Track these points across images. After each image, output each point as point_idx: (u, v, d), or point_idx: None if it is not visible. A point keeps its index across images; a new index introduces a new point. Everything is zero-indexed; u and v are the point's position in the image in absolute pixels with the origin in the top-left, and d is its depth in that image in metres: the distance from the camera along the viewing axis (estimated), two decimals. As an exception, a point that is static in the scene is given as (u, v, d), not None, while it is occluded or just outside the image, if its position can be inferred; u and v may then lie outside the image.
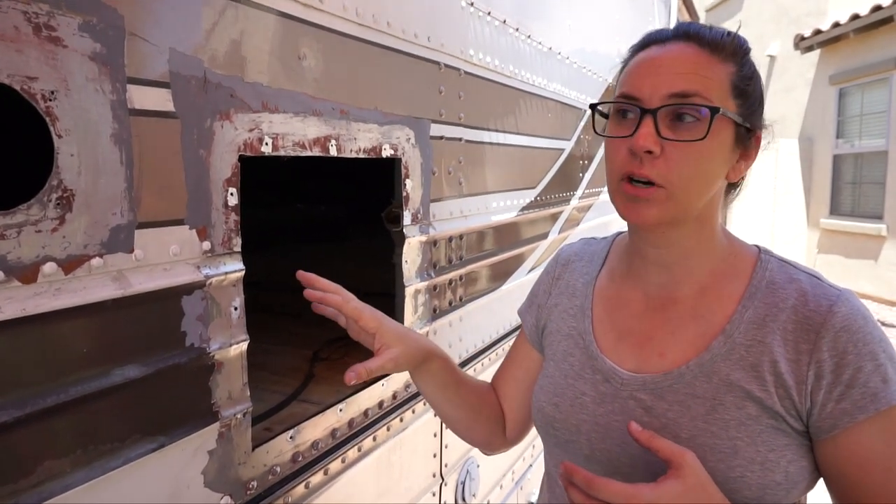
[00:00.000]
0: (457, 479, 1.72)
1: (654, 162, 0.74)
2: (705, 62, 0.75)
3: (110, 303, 0.73)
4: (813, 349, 0.72)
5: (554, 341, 0.94)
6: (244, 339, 0.93)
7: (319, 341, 1.77)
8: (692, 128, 0.73)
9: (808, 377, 0.72)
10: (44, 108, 0.65)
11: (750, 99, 0.77)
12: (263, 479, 0.99)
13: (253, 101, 0.92)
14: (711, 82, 0.74)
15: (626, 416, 0.80)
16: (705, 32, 0.77)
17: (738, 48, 0.78)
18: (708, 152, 0.74)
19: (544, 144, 2.19)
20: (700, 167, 0.75)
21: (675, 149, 0.73)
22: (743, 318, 0.77)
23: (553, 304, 0.97)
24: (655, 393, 0.79)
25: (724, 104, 0.74)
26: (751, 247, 0.85)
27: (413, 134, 1.34)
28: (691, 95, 0.73)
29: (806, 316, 0.74)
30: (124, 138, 0.74)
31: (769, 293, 0.78)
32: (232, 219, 0.90)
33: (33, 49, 0.63)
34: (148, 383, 0.78)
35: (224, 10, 0.87)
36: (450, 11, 1.48)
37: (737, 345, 0.76)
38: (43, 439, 0.67)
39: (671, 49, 0.77)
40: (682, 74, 0.75)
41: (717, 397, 0.75)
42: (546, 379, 0.93)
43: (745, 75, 0.77)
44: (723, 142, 0.76)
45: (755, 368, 0.74)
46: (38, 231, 0.65)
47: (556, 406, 0.88)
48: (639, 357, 0.83)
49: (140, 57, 0.75)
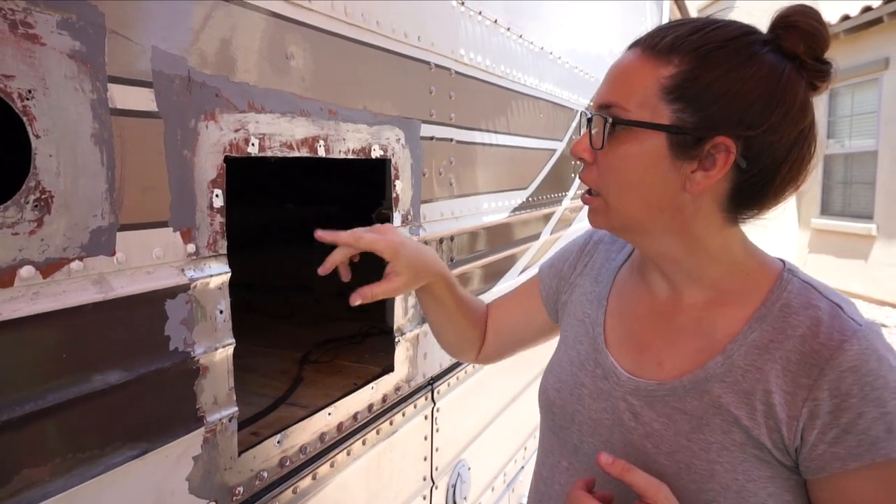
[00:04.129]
0: (448, 482, 1.71)
1: (590, 169, 0.77)
2: (636, 67, 0.73)
3: (91, 307, 0.71)
4: (813, 385, 0.67)
5: (568, 324, 0.94)
6: (230, 343, 0.91)
7: (309, 344, 1.76)
8: (621, 136, 0.73)
9: (802, 414, 0.67)
10: (21, 108, 0.63)
11: (697, 101, 0.69)
12: (250, 485, 0.98)
13: (239, 101, 0.91)
14: (633, 89, 0.72)
15: (616, 417, 0.80)
16: (654, 34, 0.74)
17: (676, 46, 0.71)
18: (631, 162, 0.72)
19: (536, 145, 2.18)
20: (624, 176, 0.73)
21: (603, 158, 0.75)
22: (746, 340, 0.72)
23: (576, 282, 0.97)
24: (646, 400, 0.78)
25: (649, 110, 0.70)
26: (775, 262, 0.78)
27: (403, 134, 1.33)
28: (610, 106, 0.73)
29: (813, 349, 0.68)
30: (105, 138, 0.72)
31: (780, 317, 0.72)
32: (217, 221, 0.88)
33: (9, 47, 0.61)
34: (130, 389, 0.77)
35: (209, 9, 0.85)
36: (440, 10, 1.47)
37: (734, 367, 0.72)
38: (21, 447, 0.66)
39: (620, 58, 0.76)
40: (610, 84, 0.75)
41: (704, 417, 0.72)
42: (555, 361, 0.94)
43: (690, 76, 0.69)
44: (648, 151, 0.71)
45: (747, 395, 0.70)
46: (14, 233, 0.63)
47: (558, 391, 0.89)
48: (637, 361, 0.82)
49: (122, 55, 0.73)
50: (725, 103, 0.69)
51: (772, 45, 0.71)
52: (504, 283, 1.99)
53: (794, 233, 9.17)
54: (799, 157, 0.72)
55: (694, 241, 0.76)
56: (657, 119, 0.70)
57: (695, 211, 0.74)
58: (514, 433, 2.25)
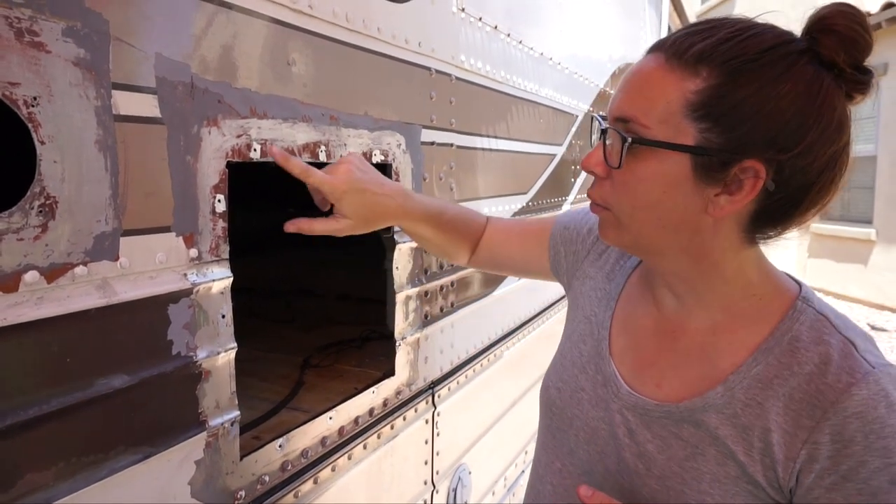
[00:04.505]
0: (448, 486, 1.71)
1: (602, 184, 0.72)
2: (658, 78, 0.65)
3: (94, 311, 0.72)
4: (814, 428, 0.63)
5: (575, 317, 0.91)
6: (232, 347, 0.92)
7: (310, 348, 1.76)
8: (640, 152, 0.66)
9: (800, 456, 0.63)
10: (26, 115, 0.63)
11: (726, 121, 0.63)
12: (252, 489, 0.98)
13: (241, 107, 0.91)
14: (654, 104, 0.65)
15: (612, 430, 0.78)
16: (682, 39, 0.66)
17: (706, 56, 0.63)
18: (649, 182, 0.66)
19: (536, 150, 2.19)
20: (640, 197, 0.68)
21: (618, 174, 0.69)
22: (750, 373, 0.68)
23: (588, 271, 0.93)
24: (643, 419, 0.75)
25: (672, 128, 0.64)
26: (790, 287, 0.73)
27: (404, 140, 1.34)
28: (628, 121, 0.66)
29: (819, 389, 0.64)
30: (109, 145, 0.72)
31: (788, 351, 0.67)
32: (220, 226, 0.89)
33: (15, 54, 0.62)
34: (133, 393, 0.77)
35: (212, 16, 0.86)
36: (441, 17, 1.48)
37: (735, 400, 0.68)
38: (24, 451, 0.66)
39: (640, 64, 0.69)
40: (629, 95, 0.68)
41: (700, 446, 0.70)
42: (558, 357, 0.92)
43: (719, 93, 0.62)
44: (668, 172, 0.65)
45: (745, 430, 0.67)
46: (19, 239, 0.64)
47: (559, 391, 0.87)
48: (638, 376, 0.79)
49: (125, 62, 0.74)
50: (757, 124, 0.62)
51: (809, 55, 0.63)
52: (504, 287, 1.99)
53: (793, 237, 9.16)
54: (830, 178, 0.66)
55: (709, 263, 0.71)
56: (680, 138, 0.64)
57: (714, 233, 0.69)
58: (515, 437, 2.25)
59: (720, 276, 0.72)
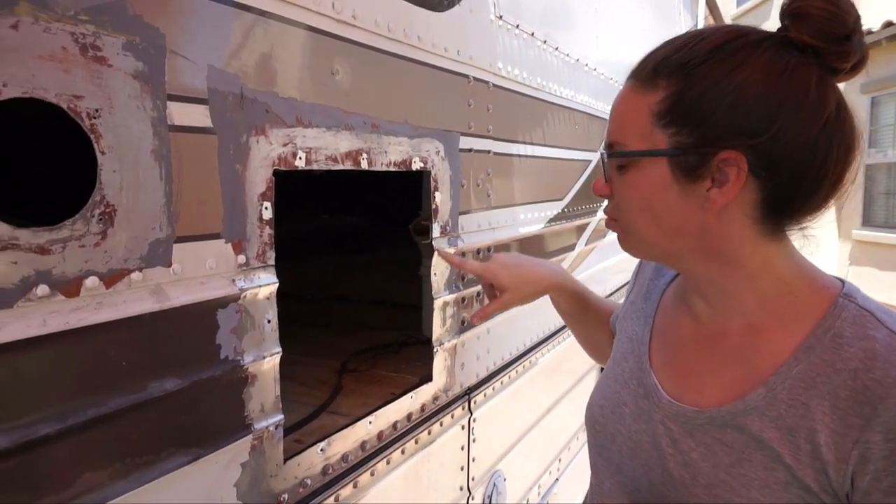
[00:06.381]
0: (484, 493, 1.70)
1: (611, 202, 0.79)
2: (628, 101, 0.73)
3: (148, 316, 0.74)
4: (864, 426, 0.60)
5: (620, 340, 0.93)
6: (277, 352, 0.93)
7: (347, 352, 1.78)
8: (628, 169, 0.73)
9: (852, 457, 0.61)
10: (88, 126, 0.66)
11: (689, 121, 0.67)
12: (294, 492, 1.00)
13: (287, 116, 0.93)
14: (629, 124, 0.72)
15: (655, 441, 0.77)
16: (641, 62, 0.73)
17: (659, 70, 0.69)
18: (638, 190, 0.72)
19: (571, 156, 2.18)
20: (633, 205, 0.74)
21: (616, 191, 0.76)
22: (791, 373, 0.67)
23: (630, 301, 0.97)
24: (685, 427, 0.74)
25: (648, 141, 0.70)
26: (832, 285, 0.71)
27: (443, 147, 1.35)
28: (612, 145, 0.74)
29: (866, 385, 0.61)
30: (164, 154, 0.75)
31: (831, 349, 0.65)
32: (266, 232, 0.91)
33: (79, 69, 0.65)
34: (184, 396, 0.79)
35: (260, 27, 0.88)
36: (479, 25, 1.48)
37: (777, 401, 0.67)
38: (83, 451, 0.68)
39: (619, 93, 0.76)
40: (613, 124, 0.75)
41: (745, 451, 0.68)
42: (603, 377, 0.93)
43: (677, 97, 0.67)
44: (651, 178, 0.70)
45: (791, 433, 0.65)
46: (81, 246, 0.66)
47: (602, 408, 0.87)
48: (679, 385, 0.78)
49: (179, 74, 0.76)
50: (720, 116, 0.65)
51: (772, 41, 0.66)
52: (539, 294, 1.98)
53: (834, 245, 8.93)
54: (830, 152, 0.65)
55: (729, 260, 0.71)
56: (656, 147, 0.69)
57: (721, 230, 0.69)
58: (549, 445, 2.24)
59: (743, 271, 0.71)
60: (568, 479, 2.39)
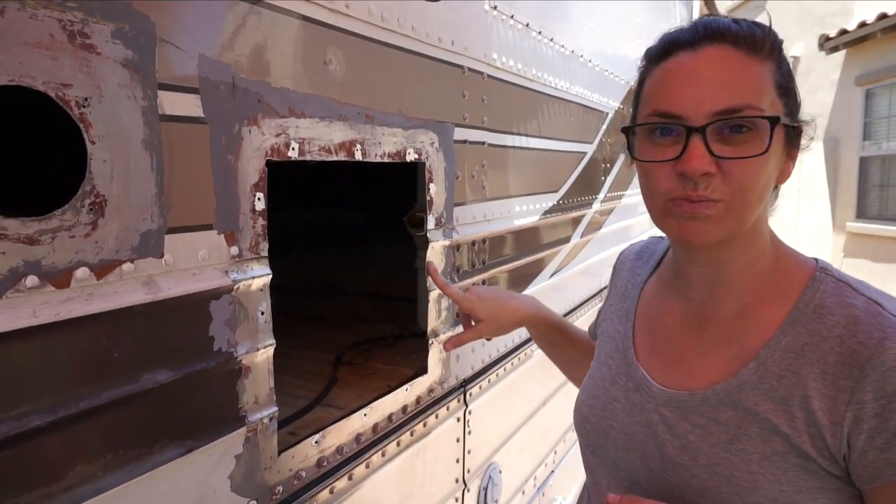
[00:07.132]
0: (479, 485, 1.71)
1: (710, 181, 0.68)
2: (746, 66, 0.68)
3: (140, 307, 0.74)
4: (854, 387, 0.63)
5: (602, 341, 0.95)
6: (271, 344, 0.93)
7: (342, 345, 1.77)
8: (748, 139, 0.67)
9: (846, 419, 0.63)
10: (77, 115, 0.65)
11: (793, 96, 0.72)
12: (289, 484, 0.99)
13: (280, 107, 0.92)
14: (758, 88, 0.68)
15: (650, 430, 0.78)
16: (739, 30, 0.69)
17: (774, 43, 0.71)
18: (766, 162, 0.68)
19: (567, 148, 2.18)
20: (759, 178, 0.68)
21: (733, 164, 0.67)
22: (780, 345, 0.70)
23: (609, 304, 0.98)
24: (680, 412, 0.75)
25: (774, 108, 0.69)
26: (807, 262, 0.76)
27: (437, 138, 1.34)
28: (741, 109, 0.67)
29: (852, 348, 0.64)
30: (155, 144, 0.74)
31: (814, 319, 0.69)
32: (259, 223, 0.90)
33: (68, 56, 0.64)
34: (177, 388, 0.79)
35: (252, 16, 0.87)
36: (473, 15, 1.47)
37: (769, 374, 0.69)
38: (75, 444, 0.68)
39: (706, 55, 0.69)
40: (727, 85, 0.68)
41: (741, 427, 0.69)
42: (588, 378, 0.94)
43: (785, 71, 0.71)
44: (776, 147, 0.70)
45: (785, 402, 0.67)
46: (71, 236, 0.66)
47: (591, 408, 0.88)
48: (669, 372, 0.80)
49: (170, 63, 0.75)
50: (797, 94, 0.73)
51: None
52: (534, 286, 1.98)
53: (828, 237, 8.96)
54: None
55: (759, 245, 0.75)
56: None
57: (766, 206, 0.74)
58: (545, 437, 2.24)
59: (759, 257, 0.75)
60: (563, 470, 2.40)
